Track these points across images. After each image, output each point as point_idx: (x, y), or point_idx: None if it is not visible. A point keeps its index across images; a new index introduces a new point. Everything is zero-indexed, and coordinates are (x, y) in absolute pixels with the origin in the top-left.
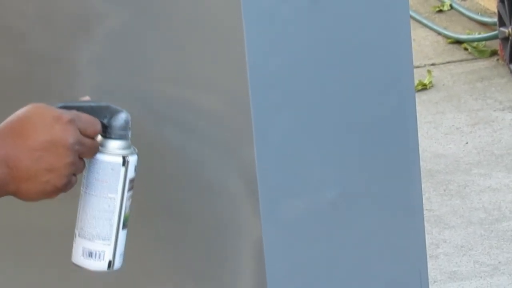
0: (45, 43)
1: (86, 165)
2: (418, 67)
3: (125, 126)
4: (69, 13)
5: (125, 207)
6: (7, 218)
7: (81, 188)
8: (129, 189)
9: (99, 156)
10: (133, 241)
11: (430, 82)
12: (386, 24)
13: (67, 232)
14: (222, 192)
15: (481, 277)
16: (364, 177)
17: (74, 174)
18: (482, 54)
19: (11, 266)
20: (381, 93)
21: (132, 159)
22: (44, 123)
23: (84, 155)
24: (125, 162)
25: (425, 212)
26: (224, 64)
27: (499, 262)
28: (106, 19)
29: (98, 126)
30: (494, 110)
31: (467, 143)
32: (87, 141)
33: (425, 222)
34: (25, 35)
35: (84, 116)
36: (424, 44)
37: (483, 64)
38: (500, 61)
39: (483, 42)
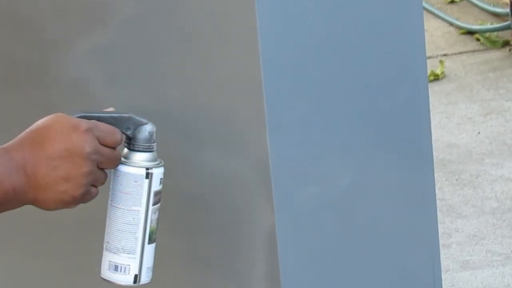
0: (58, 32)
1: (112, 177)
2: (430, 57)
3: (149, 138)
4: (82, 2)
5: (151, 220)
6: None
7: (108, 200)
8: (155, 202)
9: (122, 168)
10: None
11: (443, 73)
12: (399, 15)
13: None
14: (235, 181)
15: (493, 266)
16: (377, 166)
17: (94, 185)
18: (494, 44)
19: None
20: (395, 83)
21: (157, 172)
22: (61, 132)
23: (103, 165)
24: (148, 175)
25: (437, 201)
26: (236, 53)
27: None
28: (119, 8)
29: (118, 136)
30: (507, 100)
31: (479, 133)
32: (106, 151)
33: (438, 212)
34: (38, 24)
35: (103, 126)
36: (436, 35)
37: (495, 54)
38: None
39: (495, 33)
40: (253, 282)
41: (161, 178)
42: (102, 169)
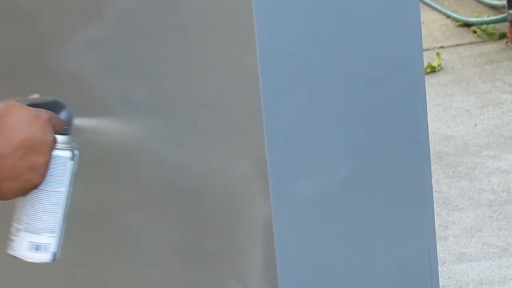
0: (56, 24)
1: None
2: (427, 50)
3: (70, 121)
4: None
5: (68, 200)
6: None
7: None
8: (73, 182)
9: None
10: (142, 223)
11: (439, 65)
12: (396, 7)
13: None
14: (231, 173)
15: (490, 259)
16: (374, 159)
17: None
18: (491, 37)
19: None
20: (391, 75)
21: (77, 153)
22: (25, 122)
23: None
24: (73, 156)
25: (434, 194)
26: (233, 44)
27: (508, 244)
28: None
29: (63, 124)
30: (503, 93)
31: (476, 125)
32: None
33: (434, 204)
34: (36, 16)
35: (54, 114)
36: (433, 27)
37: (492, 46)
38: (509, 43)
39: (492, 25)
40: (250, 274)
41: (78, 159)
42: None
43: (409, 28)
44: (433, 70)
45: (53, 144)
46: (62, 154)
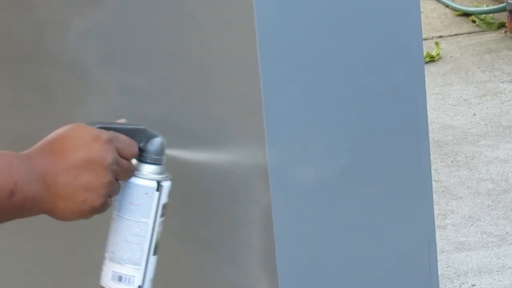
0: (54, 10)
1: (122, 188)
2: (426, 39)
3: (161, 151)
4: None
5: (157, 232)
6: None
7: (114, 211)
8: (162, 215)
9: (134, 180)
10: None
11: (438, 54)
12: None
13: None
14: (231, 162)
15: (488, 247)
16: (373, 148)
17: (110, 196)
18: (490, 26)
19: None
20: (391, 64)
21: (166, 185)
22: (83, 142)
23: (120, 176)
24: (159, 187)
25: (433, 183)
26: (233, 34)
27: (507, 233)
28: None
29: (136, 148)
30: (502, 82)
31: (474, 114)
32: (124, 162)
33: (433, 193)
34: (34, 2)
35: (122, 137)
36: (432, 17)
37: (490, 36)
38: (508, 33)
39: (491, 15)
40: (249, 262)
41: (169, 191)
42: (117, 180)
43: (408, 17)
44: (432, 59)
45: (112, 166)
46: (146, 184)
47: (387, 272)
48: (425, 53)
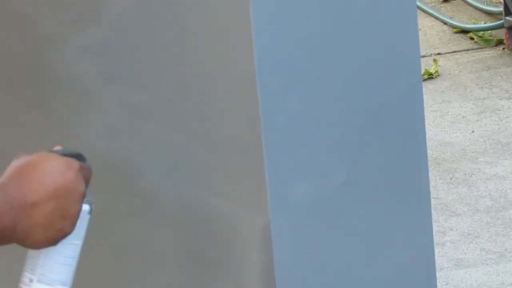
0: (52, 26)
1: None
2: (424, 56)
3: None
4: None
5: (80, 253)
6: None
7: None
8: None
9: None
10: (141, 229)
11: (436, 71)
12: (393, 13)
13: None
14: (229, 177)
15: (487, 264)
16: (372, 164)
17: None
18: (488, 43)
19: None
20: (389, 81)
21: (93, 207)
22: (58, 170)
23: None
24: (91, 210)
25: (431, 200)
26: (230, 47)
27: (506, 250)
28: (113, 3)
29: (91, 174)
30: (500, 99)
31: (473, 131)
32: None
33: (432, 210)
34: (33, 19)
35: (85, 164)
36: (430, 34)
37: (489, 53)
38: (506, 50)
39: (489, 31)
40: (248, 278)
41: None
42: None
43: (406, 34)
44: (430, 76)
45: (84, 194)
46: (83, 208)
47: (386, 287)
48: (423, 70)
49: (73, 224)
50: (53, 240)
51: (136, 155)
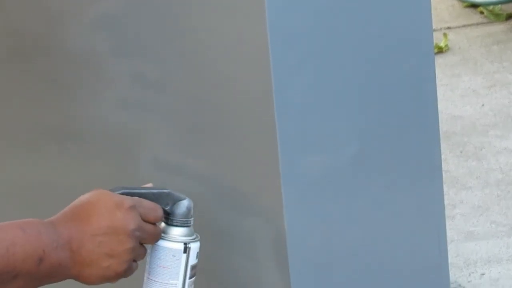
0: (64, 1)
1: (149, 250)
2: (434, 30)
3: (187, 214)
4: None
5: None
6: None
7: (145, 273)
8: (191, 276)
9: (161, 243)
10: None
11: (446, 45)
12: None
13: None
14: (240, 150)
15: (497, 237)
16: (384, 137)
17: (135, 260)
18: (497, 17)
19: None
20: (402, 54)
21: (194, 246)
22: (106, 209)
23: (145, 241)
24: (186, 249)
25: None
26: (243, 20)
27: None
28: None
29: (160, 212)
30: (510, 73)
31: (483, 105)
32: (149, 227)
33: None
34: None
35: (146, 202)
36: (440, 8)
37: (499, 27)
38: None
39: (499, 6)
40: (260, 250)
41: (197, 252)
42: (142, 244)
43: (419, 6)
44: (440, 50)
45: (135, 233)
46: (173, 247)
47: (397, 262)
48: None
49: (125, 262)
50: (105, 278)
51: (143, 130)
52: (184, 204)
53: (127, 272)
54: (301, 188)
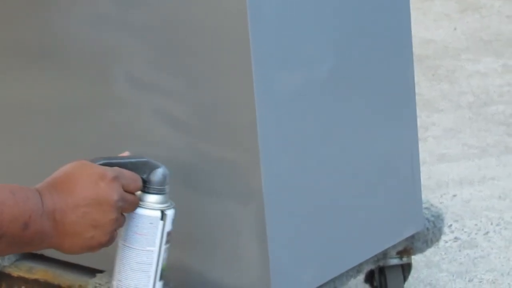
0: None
1: (127, 218)
2: None
3: (163, 181)
4: None
5: (163, 259)
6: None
7: (119, 241)
8: (167, 242)
9: (138, 210)
10: None
11: None
12: None
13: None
14: (214, 67)
15: (469, 159)
16: (358, 55)
17: (116, 230)
18: None
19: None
20: None
21: (170, 213)
22: (89, 181)
23: (126, 210)
24: (163, 216)
25: None
26: None
27: (487, 144)
28: None
29: (140, 182)
30: None
31: (455, 29)
32: (130, 197)
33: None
34: None
35: (127, 173)
36: None
37: None
38: None
39: None
40: (233, 169)
41: (173, 219)
42: (122, 214)
43: None
44: None
45: (118, 203)
46: (150, 214)
47: (371, 183)
48: None
49: (109, 233)
50: (88, 248)
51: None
52: (160, 172)
53: (109, 241)
54: (275, 106)
